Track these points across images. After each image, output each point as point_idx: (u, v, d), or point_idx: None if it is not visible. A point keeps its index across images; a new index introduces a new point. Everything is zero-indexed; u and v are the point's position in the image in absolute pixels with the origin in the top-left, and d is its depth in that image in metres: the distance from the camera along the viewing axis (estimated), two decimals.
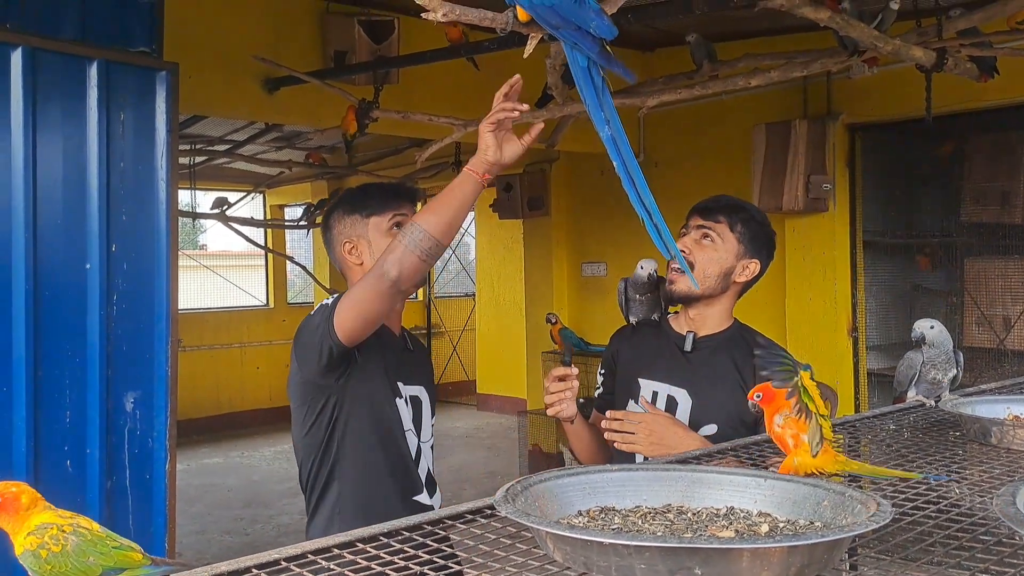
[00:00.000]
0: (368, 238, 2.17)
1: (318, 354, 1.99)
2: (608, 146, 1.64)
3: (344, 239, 2.19)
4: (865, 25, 3.35)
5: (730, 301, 2.25)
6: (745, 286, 2.26)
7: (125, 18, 3.17)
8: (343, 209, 2.20)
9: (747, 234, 2.21)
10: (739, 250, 2.20)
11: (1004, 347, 5.48)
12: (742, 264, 2.20)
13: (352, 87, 4.70)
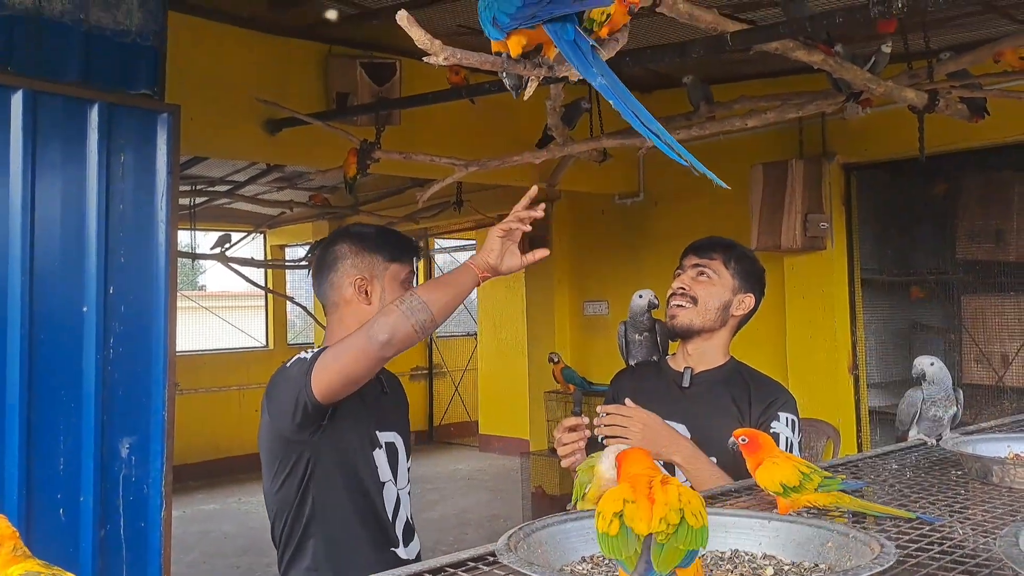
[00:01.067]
0: (383, 282, 2.15)
1: (292, 409, 1.95)
2: (604, 92, 1.69)
3: (358, 274, 2.14)
4: (858, 68, 3.39)
5: (727, 336, 2.33)
6: (741, 321, 2.34)
7: (127, 61, 3.20)
8: (359, 245, 2.16)
9: (740, 270, 2.31)
10: (735, 285, 2.30)
11: (1003, 384, 5.47)
12: (738, 298, 2.30)
13: (354, 128, 4.74)
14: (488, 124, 5.54)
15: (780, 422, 2.19)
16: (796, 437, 2.19)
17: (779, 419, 2.20)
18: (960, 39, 4.51)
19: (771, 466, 1.49)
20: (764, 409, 2.23)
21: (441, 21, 4.72)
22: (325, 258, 2.17)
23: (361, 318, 2.05)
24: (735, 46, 2.96)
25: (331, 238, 2.22)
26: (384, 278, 2.15)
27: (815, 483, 1.46)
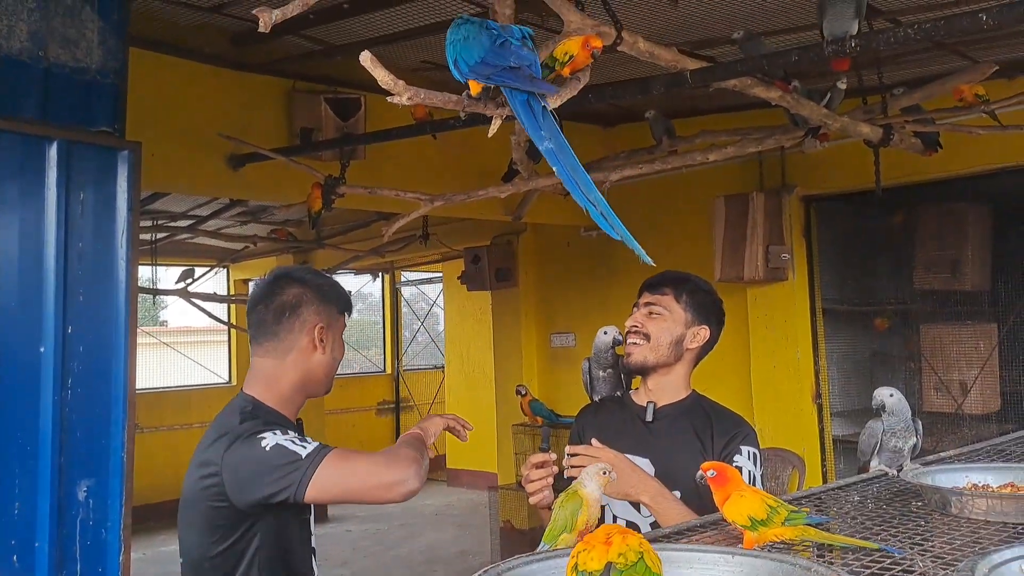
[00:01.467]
0: (334, 332, 2.16)
1: (270, 494, 1.89)
2: (549, 158, 1.76)
3: (319, 324, 2.13)
4: (814, 104, 3.46)
5: (685, 369, 2.35)
6: (699, 353, 2.37)
7: (87, 98, 3.18)
8: (320, 293, 2.16)
9: (693, 303, 2.34)
10: (687, 318, 2.33)
11: (962, 411, 5.56)
12: (692, 331, 2.32)
13: (318, 163, 4.74)
14: (453, 158, 5.57)
15: (742, 455, 2.22)
16: (758, 470, 2.21)
17: (741, 452, 2.22)
18: (912, 74, 4.63)
19: (739, 499, 1.50)
20: (726, 443, 2.25)
21: (406, 57, 4.76)
22: (283, 300, 2.12)
23: (310, 366, 2.10)
24: (695, 83, 3.01)
25: (286, 280, 2.16)
26: (336, 328, 2.16)
27: (782, 516, 1.47)
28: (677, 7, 3.91)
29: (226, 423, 2.06)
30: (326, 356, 2.13)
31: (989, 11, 2.43)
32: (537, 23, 3.54)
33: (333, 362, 2.16)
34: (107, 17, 3.25)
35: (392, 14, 4.11)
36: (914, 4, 3.84)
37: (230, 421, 2.05)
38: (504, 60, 1.75)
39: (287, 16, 1.86)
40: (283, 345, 2.12)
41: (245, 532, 1.98)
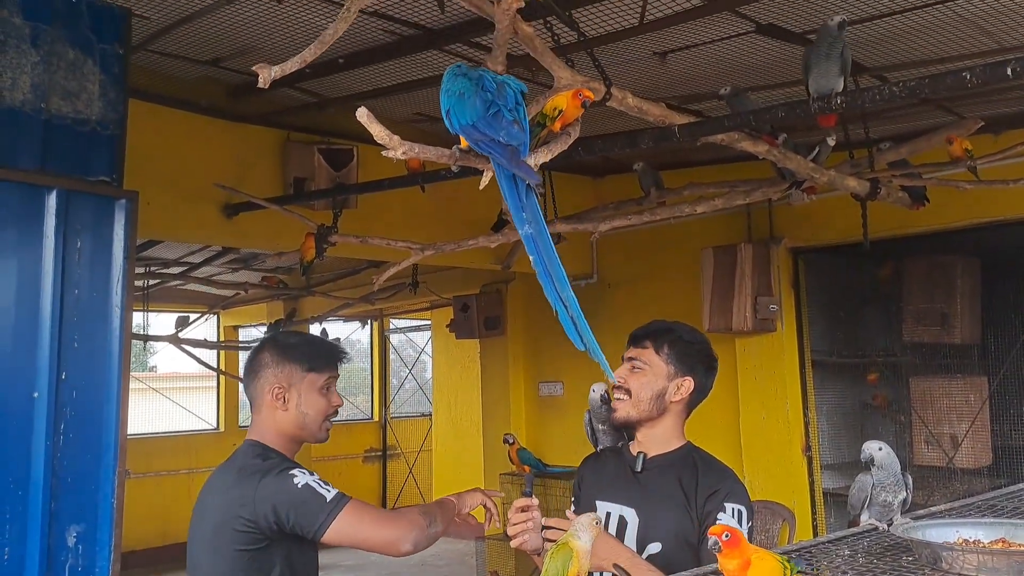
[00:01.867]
0: (300, 389, 2.31)
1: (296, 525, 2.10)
2: (527, 243, 1.77)
3: (276, 384, 2.29)
4: (801, 158, 3.53)
5: (673, 421, 2.34)
6: (688, 404, 2.35)
7: (86, 148, 3.23)
8: (279, 355, 2.32)
9: (674, 354, 2.32)
10: (668, 371, 2.31)
11: (953, 465, 5.55)
12: (675, 384, 2.31)
13: (311, 212, 4.78)
14: (444, 208, 5.62)
15: (727, 513, 2.18)
16: (744, 527, 2.17)
17: (725, 510, 2.19)
18: (899, 129, 4.72)
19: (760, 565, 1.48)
20: (709, 496, 2.22)
21: (398, 109, 4.84)
22: (251, 364, 2.33)
23: (279, 421, 2.28)
24: (683, 138, 3.07)
25: (259, 345, 2.39)
26: (302, 385, 2.30)
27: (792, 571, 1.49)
28: (665, 63, 4.00)
29: (247, 463, 2.21)
30: (290, 412, 2.28)
31: (973, 70, 2.50)
32: (528, 78, 3.62)
33: (301, 416, 2.30)
34: (108, 70, 3.31)
35: (385, 68, 4.20)
36: (900, 61, 3.93)
37: (252, 461, 2.21)
38: (495, 132, 1.79)
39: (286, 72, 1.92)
40: (256, 402, 2.32)
41: (267, 558, 2.13)
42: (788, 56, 3.87)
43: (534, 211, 1.81)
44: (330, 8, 3.48)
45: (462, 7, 2.79)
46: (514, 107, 1.87)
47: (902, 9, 3.40)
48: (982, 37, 3.65)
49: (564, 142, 2.18)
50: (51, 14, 3.16)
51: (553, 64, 2.48)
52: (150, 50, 3.99)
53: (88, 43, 3.25)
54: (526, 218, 1.79)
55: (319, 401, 2.31)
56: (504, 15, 2.14)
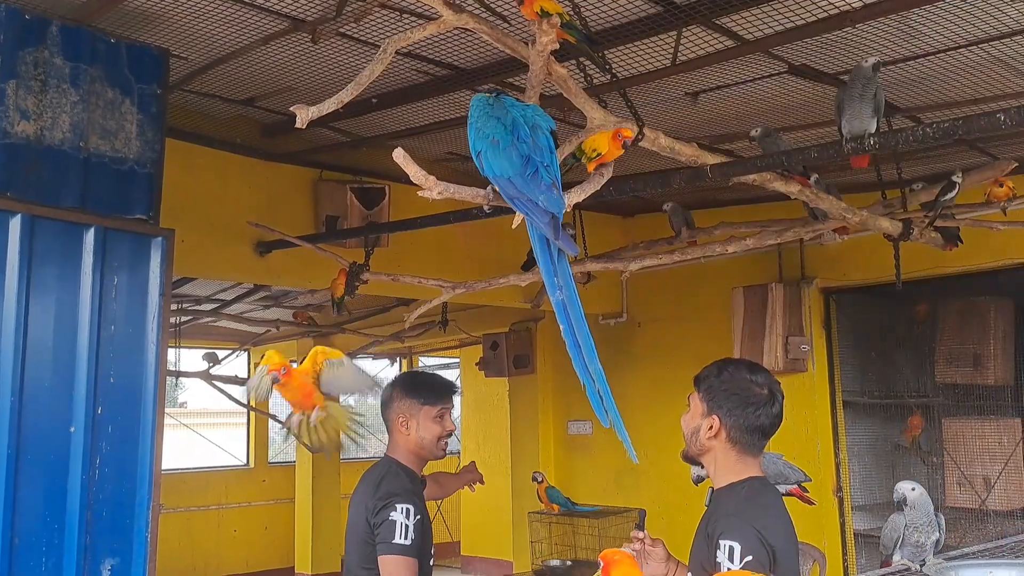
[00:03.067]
0: (419, 419, 2.84)
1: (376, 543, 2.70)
2: (557, 310, 1.75)
3: (400, 415, 2.85)
4: (833, 198, 3.52)
5: (718, 457, 2.32)
6: (730, 440, 2.30)
7: (124, 187, 3.30)
8: (403, 391, 2.90)
9: (707, 393, 2.33)
10: (702, 410, 2.33)
11: (985, 507, 5.45)
12: (706, 423, 2.31)
13: (343, 250, 4.83)
14: (475, 246, 5.66)
15: (721, 551, 2.15)
16: (736, 565, 2.11)
17: (720, 547, 2.16)
18: (932, 169, 4.70)
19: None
20: (709, 535, 2.23)
21: (431, 148, 4.90)
22: (383, 399, 2.92)
23: (405, 443, 2.85)
24: (715, 177, 3.08)
25: (391, 383, 3.00)
26: (420, 417, 2.84)
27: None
28: (697, 104, 4.02)
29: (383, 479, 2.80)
30: (412, 436, 2.84)
31: (1007, 111, 2.50)
32: (560, 118, 3.65)
33: (420, 440, 2.85)
34: (146, 110, 3.39)
35: (418, 108, 4.25)
36: (933, 102, 3.93)
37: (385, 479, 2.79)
38: (532, 193, 1.80)
39: (323, 113, 1.96)
40: (389, 428, 2.92)
41: None
42: (820, 96, 3.87)
43: (566, 276, 1.80)
44: (364, 49, 3.54)
45: (495, 47, 2.84)
46: (549, 162, 1.87)
47: (936, 51, 3.40)
48: (1016, 79, 3.64)
49: (597, 182, 2.20)
50: (91, 54, 3.24)
51: (586, 104, 2.51)
52: (186, 90, 4.07)
53: (127, 83, 3.33)
54: (558, 283, 1.78)
55: (433, 427, 2.84)
56: (539, 56, 2.17)
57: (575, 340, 1.73)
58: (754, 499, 2.26)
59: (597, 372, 1.70)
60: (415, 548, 2.66)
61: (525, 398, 7.65)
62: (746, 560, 2.11)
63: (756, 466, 2.34)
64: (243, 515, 10.01)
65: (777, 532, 2.18)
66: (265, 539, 10.07)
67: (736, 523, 2.18)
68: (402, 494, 2.72)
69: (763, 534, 2.14)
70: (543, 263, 1.80)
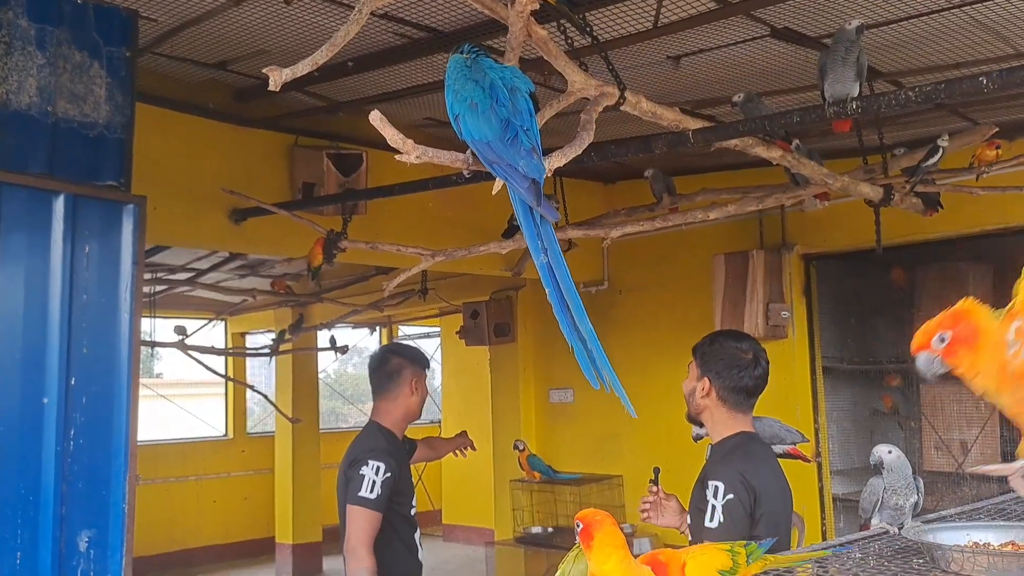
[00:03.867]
0: (423, 383, 3.32)
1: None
2: (542, 273, 1.71)
3: (411, 379, 3.26)
4: (815, 163, 3.50)
5: (713, 415, 2.63)
6: (720, 400, 2.61)
7: (94, 153, 3.22)
8: (410, 360, 3.32)
9: (700, 360, 2.66)
10: (697, 374, 2.65)
11: (962, 471, 5.52)
12: (700, 385, 2.63)
13: (320, 218, 4.77)
14: (454, 214, 5.61)
15: (708, 490, 2.43)
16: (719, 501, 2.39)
17: (708, 487, 2.44)
18: (913, 134, 4.70)
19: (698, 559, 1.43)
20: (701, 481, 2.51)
21: (408, 114, 4.83)
22: (386, 366, 3.28)
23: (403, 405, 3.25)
24: (697, 143, 3.05)
25: (392, 353, 3.40)
26: (423, 381, 3.32)
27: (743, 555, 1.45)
28: (679, 68, 3.98)
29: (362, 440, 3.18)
30: (415, 398, 3.28)
31: (990, 75, 2.48)
32: (540, 82, 3.60)
33: (420, 401, 3.31)
34: (115, 74, 3.30)
35: (395, 72, 4.18)
36: (915, 66, 3.91)
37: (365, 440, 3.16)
38: (512, 159, 1.76)
39: (297, 75, 1.90)
40: (390, 393, 3.25)
41: None
42: (803, 60, 3.84)
43: (550, 239, 1.77)
44: (339, 10, 3.46)
45: (474, 9, 2.78)
46: (529, 126, 1.83)
47: (918, 13, 3.37)
48: (998, 42, 3.62)
49: (578, 146, 2.16)
50: (57, 16, 3.14)
51: (567, 68, 2.46)
52: (156, 53, 3.98)
53: (95, 46, 3.24)
54: (542, 246, 1.75)
55: (425, 390, 3.34)
56: (518, 18, 2.12)
57: (562, 303, 1.69)
58: (741, 448, 2.56)
59: (588, 331, 1.68)
60: (379, 503, 2.95)
61: (506, 367, 7.64)
62: (727, 498, 2.38)
63: (746, 423, 2.64)
64: (222, 486, 9.99)
65: (761, 477, 2.45)
66: (245, 510, 10.07)
67: (722, 467, 2.48)
68: (376, 451, 3.03)
69: (746, 476, 2.41)
70: (527, 227, 1.76)
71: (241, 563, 9.54)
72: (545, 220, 1.77)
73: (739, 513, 2.38)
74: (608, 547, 1.11)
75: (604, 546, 1.11)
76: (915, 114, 4.42)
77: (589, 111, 2.38)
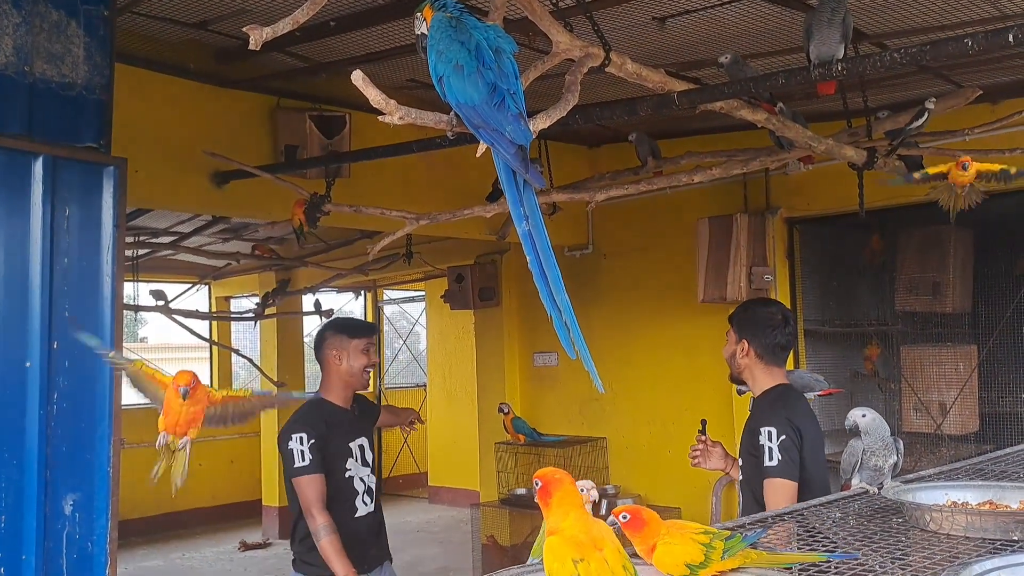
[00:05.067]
0: (348, 352, 3.44)
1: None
2: (523, 241, 1.71)
3: (333, 349, 3.45)
4: (800, 126, 3.50)
5: (755, 372, 3.03)
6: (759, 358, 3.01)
7: (73, 113, 3.17)
8: (334, 330, 3.52)
9: (737, 327, 3.07)
10: (735, 339, 3.05)
11: (941, 432, 5.59)
12: (739, 347, 3.03)
13: (303, 181, 4.74)
14: (439, 177, 5.58)
15: (763, 435, 2.81)
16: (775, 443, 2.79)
17: (761, 433, 2.82)
18: (897, 97, 4.69)
19: (668, 547, 1.37)
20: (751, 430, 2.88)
21: (391, 75, 4.78)
22: (319, 341, 3.52)
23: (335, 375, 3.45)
24: (682, 105, 3.04)
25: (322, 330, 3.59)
26: (349, 349, 3.45)
27: (719, 551, 1.39)
28: (665, 29, 3.95)
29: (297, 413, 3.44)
30: (343, 367, 3.44)
31: (975, 36, 2.47)
32: (525, 43, 3.57)
33: (350, 369, 3.43)
34: (93, 33, 3.25)
35: (378, 32, 4.13)
36: (900, 28, 3.89)
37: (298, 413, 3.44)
38: (499, 124, 1.73)
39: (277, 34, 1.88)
40: (324, 365, 3.49)
41: None
42: (788, 22, 3.82)
43: (533, 206, 1.75)
44: None
45: None
46: (516, 89, 1.80)
47: None
48: (984, 4, 3.61)
49: (563, 108, 2.15)
50: None
51: (552, 28, 2.44)
52: (135, 12, 3.91)
53: (72, 4, 3.18)
54: (524, 214, 1.74)
55: (360, 358, 3.44)
56: None
57: (542, 271, 1.69)
58: (782, 397, 2.95)
59: (564, 303, 1.67)
60: (314, 466, 3.25)
61: (491, 331, 7.66)
62: (781, 439, 2.78)
63: (782, 376, 3.03)
64: (208, 449, 10.00)
65: (802, 419, 2.88)
66: (231, 473, 10.10)
67: (770, 415, 2.86)
68: (293, 424, 3.31)
69: (792, 420, 2.83)
70: (509, 193, 1.75)
71: (228, 525, 9.60)
72: (528, 187, 1.75)
73: (792, 451, 2.78)
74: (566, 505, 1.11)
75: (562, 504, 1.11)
76: (899, 77, 4.42)
77: (574, 72, 2.36)
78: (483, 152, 1.92)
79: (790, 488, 2.75)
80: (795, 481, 2.76)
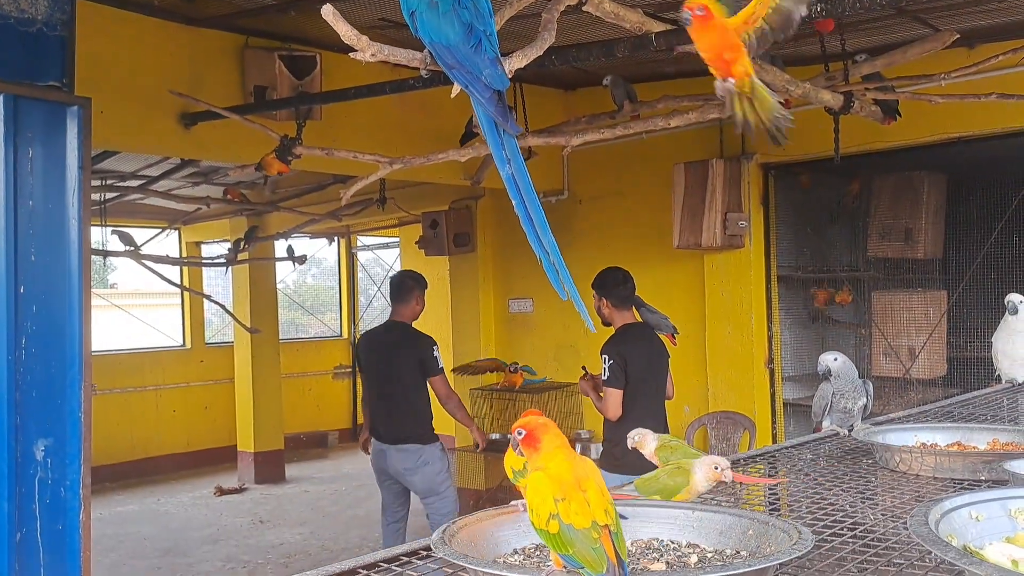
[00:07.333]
0: (423, 297, 5.05)
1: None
2: (507, 184, 1.67)
3: (420, 295, 5.05)
4: (777, 69, 3.47)
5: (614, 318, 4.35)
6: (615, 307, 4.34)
7: (33, 51, 3.09)
8: (418, 282, 5.11)
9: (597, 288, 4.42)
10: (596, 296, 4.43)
11: (910, 376, 5.68)
12: (602, 302, 4.40)
13: (273, 123, 4.65)
14: (412, 119, 5.51)
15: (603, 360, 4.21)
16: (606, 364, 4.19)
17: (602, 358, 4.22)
18: (874, 42, 4.66)
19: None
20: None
21: (363, 14, 4.67)
22: (406, 292, 5.04)
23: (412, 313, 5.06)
24: (659, 46, 3.00)
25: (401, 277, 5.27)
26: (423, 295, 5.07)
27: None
28: None
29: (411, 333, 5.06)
30: (419, 307, 5.04)
31: None
32: None
33: (422, 309, 5.07)
34: None
35: None
36: None
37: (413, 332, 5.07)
38: (475, 68, 1.69)
39: None
40: (407, 303, 5.00)
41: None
42: None
43: (514, 149, 1.72)
44: None
45: None
46: (492, 30, 1.76)
47: None
48: None
49: (539, 47, 2.10)
50: None
51: None
52: None
53: None
54: (506, 156, 1.70)
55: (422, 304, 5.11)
56: None
57: (527, 214, 1.67)
58: (621, 332, 4.31)
59: (551, 244, 1.66)
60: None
61: (466, 277, 7.65)
62: (610, 362, 4.14)
63: (629, 317, 4.35)
64: (182, 395, 9.99)
65: (630, 347, 4.22)
66: (206, 419, 10.11)
67: (608, 345, 4.24)
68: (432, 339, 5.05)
69: (619, 347, 4.20)
70: (490, 137, 1.71)
71: (203, 471, 9.62)
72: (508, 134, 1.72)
73: (617, 370, 4.14)
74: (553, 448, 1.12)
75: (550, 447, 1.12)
76: (877, 20, 4.39)
77: (551, 10, 2.30)
78: (457, 93, 1.88)
79: (616, 394, 4.14)
80: (620, 389, 4.13)
